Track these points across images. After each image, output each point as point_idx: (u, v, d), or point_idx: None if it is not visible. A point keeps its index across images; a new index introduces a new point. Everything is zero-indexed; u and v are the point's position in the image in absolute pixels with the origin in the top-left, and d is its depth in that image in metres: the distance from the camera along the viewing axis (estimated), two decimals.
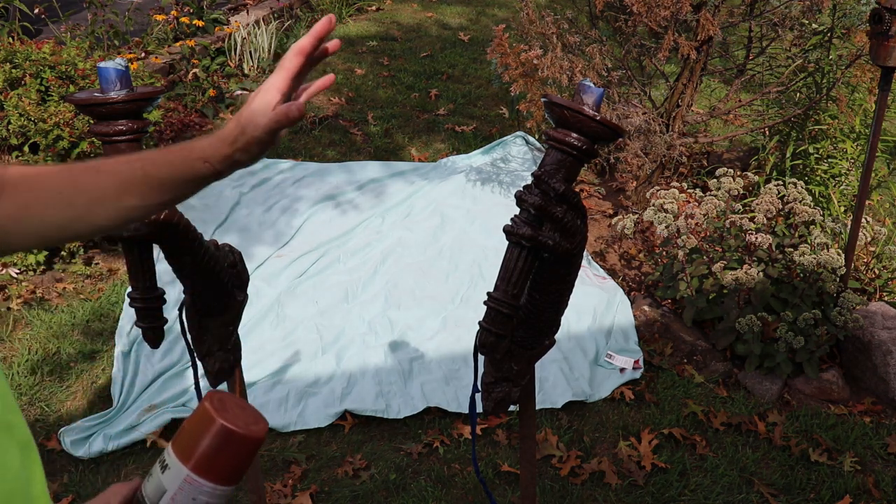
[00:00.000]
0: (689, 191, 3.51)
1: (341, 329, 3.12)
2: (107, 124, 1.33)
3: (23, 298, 3.23)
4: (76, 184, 0.94)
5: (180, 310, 1.53)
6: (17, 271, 3.37)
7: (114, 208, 0.94)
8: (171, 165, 0.96)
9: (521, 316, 1.36)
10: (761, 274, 2.89)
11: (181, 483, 0.71)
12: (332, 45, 1.03)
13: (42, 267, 3.39)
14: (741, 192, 3.17)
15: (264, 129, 0.97)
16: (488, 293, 1.31)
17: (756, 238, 2.87)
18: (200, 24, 5.47)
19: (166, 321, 1.54)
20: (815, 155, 3.80)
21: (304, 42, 0.99)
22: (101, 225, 0.95)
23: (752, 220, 3.00)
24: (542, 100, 1.27)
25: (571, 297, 1.39)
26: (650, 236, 3.73)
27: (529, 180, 1.25)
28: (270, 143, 0.99)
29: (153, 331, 1.52)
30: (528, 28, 3.66)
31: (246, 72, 5.64)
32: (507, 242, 1.29)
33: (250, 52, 5.68)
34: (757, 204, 3.00)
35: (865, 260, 3.33)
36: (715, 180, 3.20)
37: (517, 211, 1.29)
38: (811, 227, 3.28)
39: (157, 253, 1.43)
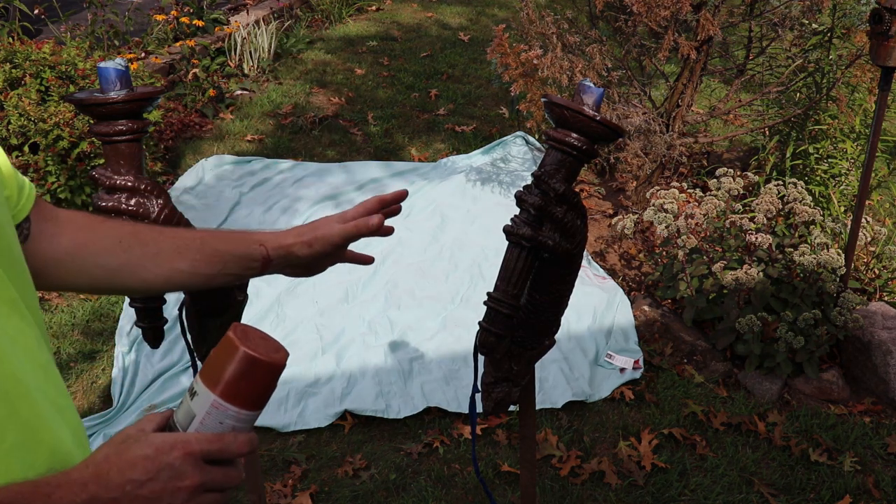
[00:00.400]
0: (689, 191, 3.51)
1: (341, 329, 3.12)
2: (107, 124, 1.33)
3: None
4: (137, 236, 0.99)
5: (180, 310, 1.53)
6: None
7: (165, 267, 0.99)
8: (228, 240, 1.03)
9: (521, 316, 1.36)
10: (761, 274, 2.89)
11: (209, 408, 0.76)
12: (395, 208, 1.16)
13: None
14: (741, 192, 3.17)
15: (339, 233, 1.06)
16: (488, 293, 1.31)
17: (756, 238, 2.87)
18: (200, 24, 5.47)
19: (166, 321, 1.54)
20: (815, 155, 3.80)
21: (387, 197, 1.13)
22: (147, 280, 0.99)
23: (752, 220, 3.00)
24: (542, 100, 1.27)
25: (571, 297, 1.39)
26: (650, 236, 3.73)
27: (529, 180, 1.25)
28: (334, 249, 1.06)
29: (153, 331, 1.52)
30: (528, 28, 3.66)
31: (246, 72, 5.64)
32: (507, 242, 1.29)
33: (250, 52, 5.68)
34: (757, 204, 3.00)
35: (865, 260, 3.33)
36: (715, 180, 3.20)
37: (517, 211, 1.29)
38: (811, 227, 3.28)
39: None
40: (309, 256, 1.06)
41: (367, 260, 1.18)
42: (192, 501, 0.73)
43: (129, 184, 1.36)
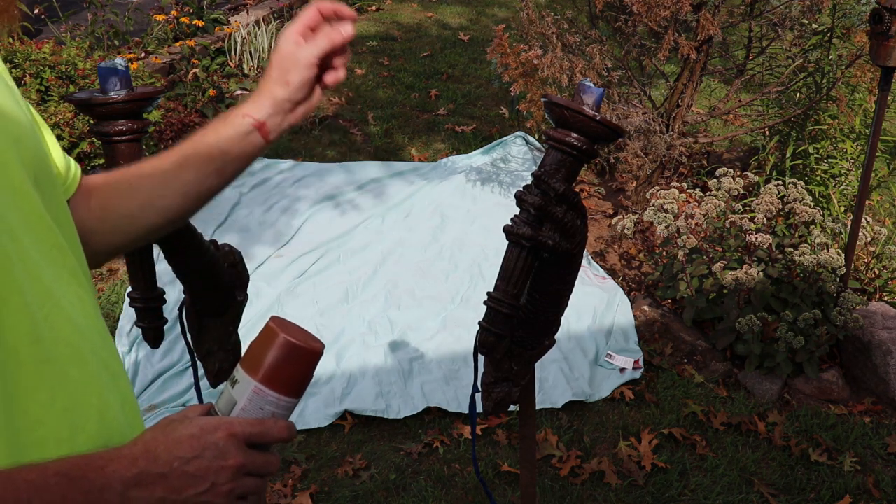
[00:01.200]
0: (689, 191, 3.51)
1: (341, 329, 3.12)
2: (107, 124, 1.33)
3: None
4: (141, 172, 0.99)
5: (180, 310, 1.53)
6: None
7: (175, 186, 0.98)
8: (215, 131, 1.00)
9: (521, 316, 1.36)
10: (761, 274, 2.89)
11: (250, 394, 0.79)
12: (347, 28, 1.01)
13: None
14: (741, 192, 3.17)
15: (307, 56, 0.98)
16: (488, 293, 1.31)
17: (756, 238, 2.87)
18: (200, 24, 5.47)
19: (166, 321, 1.54)
20: (815, 155, 3.80)
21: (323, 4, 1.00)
22: (167, 206, 0.99)
23: (752, 220, 3.00)
24: (542, 100, 1.27)
25: (571, 297, 1.39)
26: (650, 236, 3.73)
27: (529, 180, 1.25)
28: (311, 70, 0.99)
29: (153, 331, 1.52)
30: (528, 28, 3.66)
31: (246, 72, 5.64)
32: (507, 242, 1.29)
33: (250, 52, 5.68)
34: (757, 204, 3.00)
35: (865, 260, 3.33)
36: (715, 180, 3.20)
37: (517, 211, 1.29)
38: (811, 227, 3.28)
39: (157, 253, 1.43)
40: (293, 90, 1.00)
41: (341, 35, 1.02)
42: (234, 482, 0.75)
43: None
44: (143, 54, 5.07)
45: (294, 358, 0.80)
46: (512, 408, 2.13)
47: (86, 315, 0.81)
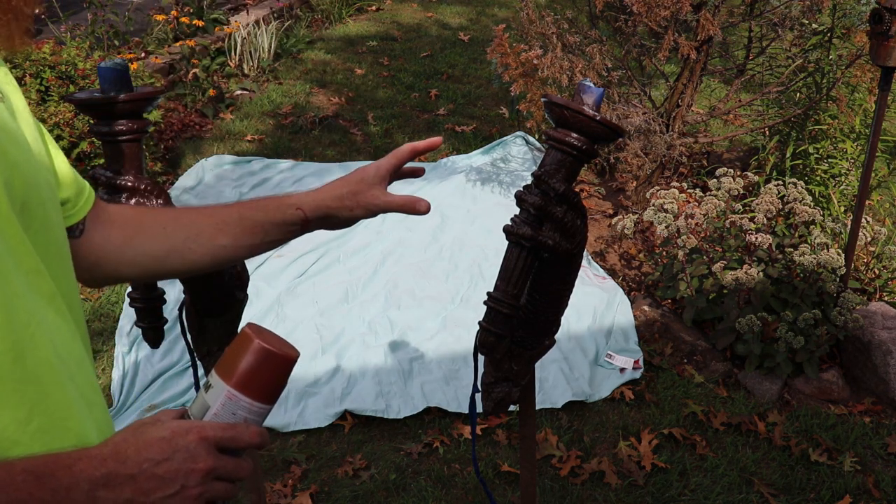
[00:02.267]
0: (689, 191, 3.51)
1: (341, 329, 3.12)
2: (107, 124, 1.33)
3: None
4: (178, 220, 1.03)
5: (180, 310, 1.53)
6: None
7: (208, 246, 1.02)
8: (265, 209, 1.04)
9: (521, 316, 1.36)
10: (761, 274, 2.89)
11: (223, 399, 0.79)
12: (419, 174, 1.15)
13: None
14: (741, 192, 3.17)
15: (382, 206, 1.05)
16: (488, 293, 1.31)
17: (756, 238, 2.87)
18: (200, 24, 5.47)
19: (166, 321, 1.54)
20: (815, 155, 3.80)
21: (420, 145, 1.09)
22: (194, 261, 1.03)
23: (752, 220, 3.00)
24: (542, 100, 1.27)
25: (571, 297, 1.39)
26: (650, 236, 3.73)
27: (529, 180, 1.25)
28: (370, 214, 1.06)
29: (153, 331, 1.52)
30: (528, 28, 3.66)
31: (246, 72, 5.64)
32: (507, 242, 1.29)
33: (250, 52, 5.68)
34: (757, 204, 3.00)
35: (865, 260, 3.33)
36: (715, 180, 3.20)
37: (517, 211, 1.29)
38: (811, 227, 3.28)
39: None
40: (349, 219, 1.08)
41: (416, 206, 1.10)
42: (204, 486, 0.75)
43: (129, 184, 1.36)
44: (143, 54, 5.07)
45: (268, 364, 0.80)
46: (512, 408, 2.13)
47: (63, 341, 0.81)
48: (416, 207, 1.06)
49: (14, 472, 0.67)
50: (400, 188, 4.63)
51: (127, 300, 2.74)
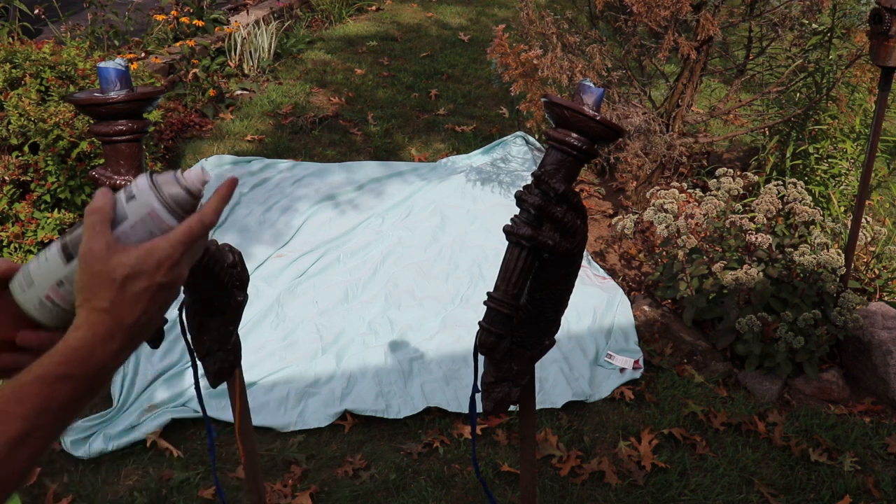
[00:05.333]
0: (689, 191, 3.51)
1: (341, 329, 3.12)
2: (107, 124, 1.33)
3: None
4: None
5: (180, 310, 1.52)
6: None
7: None
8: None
9: (521, 316, 1.36)
10: (761, 274, 2.89)
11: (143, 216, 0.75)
12: None
13: None
14: (741, 192, 3.17)
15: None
16: (488, 293, 1.31)
17: (756, 238, 2.87)
18: (200, 24, 5.47)
19: (166, 321, 1.53)
20: (815, 155, 3.80)
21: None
22: None
23: (752, 220, 3.00)
24: (542, 100, 1.27)
25: (571, 297, 1.39)
26: (650, 236, 3.73)
27: (529, 180, 1.25)
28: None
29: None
30: (528, 28, 3.66)
31: (246, 72, 5.64)
32: (507, 242, 1.29)
33: (250, 52, 5.68)
34: (757, 204, 3.00)
35: (865, 260, 3.33)
36: (715, 180, 3.20)
37: (517, 211, 1.29)
38: (811, 227, 3.28)
39: None
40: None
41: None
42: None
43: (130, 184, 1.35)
44: (143, 54, 5.07)
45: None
46: (512, 408, 2.13)
47: None
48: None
49: (26, 385, 0.68)
50: (402, 187, 4.63)
51: None
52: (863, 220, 2.97)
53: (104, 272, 0.73)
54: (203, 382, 2.48)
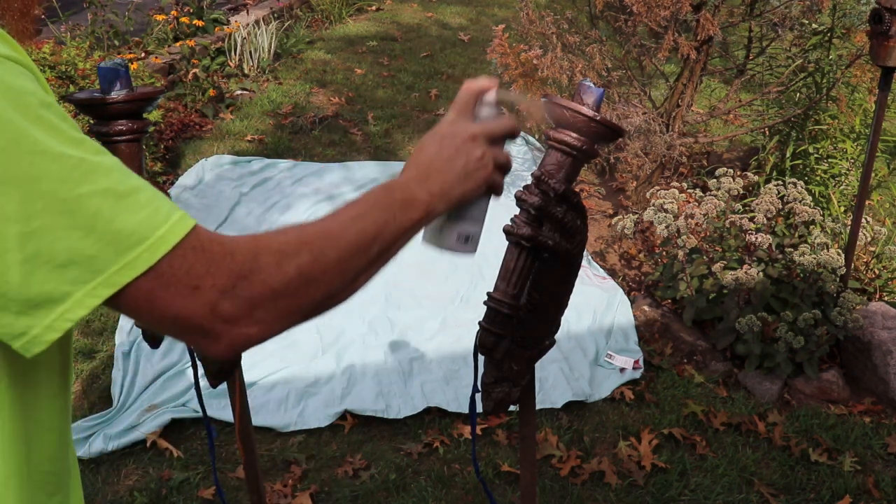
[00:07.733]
0: (689, 191, 3.51)
1: (341, 329, 3.12)
2: (107, 124, 1.33)
3: None
4: None
5: None
6: None
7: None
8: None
9: (521, 316, 1.36)
10: (761, 274, 2.89)
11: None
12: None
13: None
14: (741, 192, 3.17)
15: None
16: (488, 293, 1.31)
17: (756, 238, 2.87)
18: (200, 24, 5.47)
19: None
20: (815, 155, 3.80)
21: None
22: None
23: (752, 220, 3.00)
24: (542, 100, 1.27)
25: (571, 297, 1.39)
26: (650, 236, 3.73)
27: (529, 180, 1.25)
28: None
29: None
30: (528, 28, 3.66)
31: (246, 72, 5.64)
32: (507, 242, 1.29)
33: (250, 52, 5.68)
34: (757, 204, 3.00)
35: (865, 260, 3.33)
36: (715, 180, 3.20)
37: (517, 211, 1.29)
38: (811, 227, 3.28)
39: None
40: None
41: None
42: (486, 168, 0.97)
43: None
44: (143, 54, 5.07)
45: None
46: (512, 408, 2.13)
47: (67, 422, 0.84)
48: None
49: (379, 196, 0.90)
50: None
51: None
52: (863, 220, 2.97)
53: (440, 131, 0.94)
54: (203, 382, 2.47)
